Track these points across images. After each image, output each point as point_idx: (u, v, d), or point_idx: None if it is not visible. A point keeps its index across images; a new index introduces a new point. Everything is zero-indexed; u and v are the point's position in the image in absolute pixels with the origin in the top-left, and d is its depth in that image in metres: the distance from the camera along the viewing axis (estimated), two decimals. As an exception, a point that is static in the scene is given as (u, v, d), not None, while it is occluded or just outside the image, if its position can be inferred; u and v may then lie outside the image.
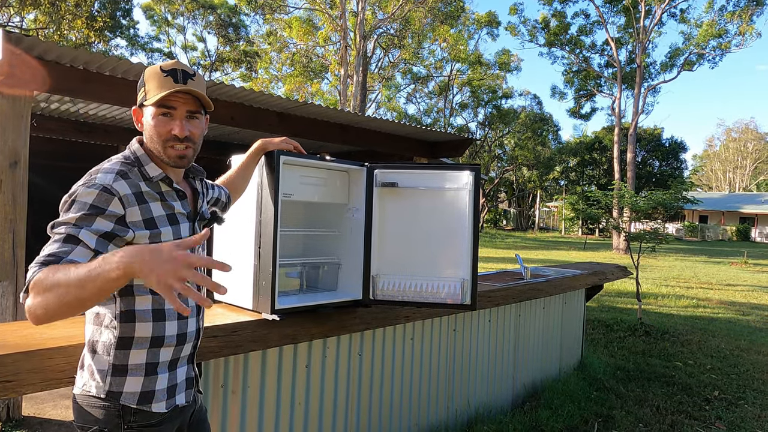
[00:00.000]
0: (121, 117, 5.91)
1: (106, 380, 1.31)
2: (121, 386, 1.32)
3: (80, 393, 1.34)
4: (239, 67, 32.80)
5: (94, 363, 1.33)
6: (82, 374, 1.36)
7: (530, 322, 4.09)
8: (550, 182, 46.35)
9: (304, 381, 2.43)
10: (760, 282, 13.64)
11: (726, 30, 24.18)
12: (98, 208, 1.22)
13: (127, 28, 28.60)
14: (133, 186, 1.31)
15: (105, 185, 1.25)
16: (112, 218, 1.24)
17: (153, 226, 1.32)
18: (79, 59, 3.56)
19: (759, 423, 3.91)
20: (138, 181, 1.34)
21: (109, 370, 1.31)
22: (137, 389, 1.33)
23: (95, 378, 1.32)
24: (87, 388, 1.33)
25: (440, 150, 6.85)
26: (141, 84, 1.39)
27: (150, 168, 1.38)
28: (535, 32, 27.69)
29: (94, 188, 1.24)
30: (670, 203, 8.01)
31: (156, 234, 1.32)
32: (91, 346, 1.34)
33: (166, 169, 1.41)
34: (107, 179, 1.27)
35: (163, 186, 1.39)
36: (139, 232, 1.29)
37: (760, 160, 61.65)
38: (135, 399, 1.32)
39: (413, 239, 2.43)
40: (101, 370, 1.32)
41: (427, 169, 2.48)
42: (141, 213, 1.31)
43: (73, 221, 1.19)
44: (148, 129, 1.38)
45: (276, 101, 4.83)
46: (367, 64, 23.31)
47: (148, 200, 1.34)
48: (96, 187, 1.24)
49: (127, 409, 1.31)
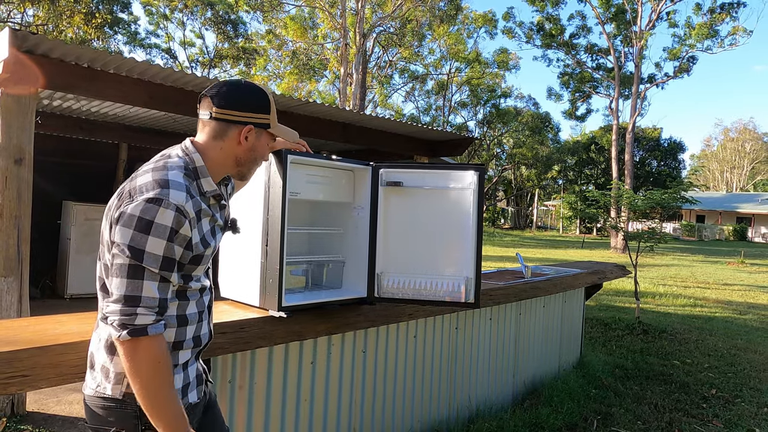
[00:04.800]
0: (123, 114, 5.92)
1: (123, 382, 1.29)
2: None
3: (94, 394, 1.32)
4: (237, 64, 32.73)
5: (113, 365, 1.30)
6: (95, 375, 1.34)
7: (530, 321, 4.13)
8: (549, 181, 46.45)
9: (309, 377, 2.47)
10: (756, 282, 13.72)
11: (717, 31, 24.34)
12: (176, 232, 1.22)
13: (127, 23, 28.52)
14: (196, 205, 1.30)
15: (179, 206, 1.23)
16: (183, 242, 1.26)
17: (206, 244, 1.35)
18: (83, 57, 3.58)
19: (755, 421, 3.96)
20: (198, 198, 1.32)
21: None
22: None
23: (111, 379, 1.30)
24: (102, 389, 1.31)
25: (441, 149, 6.88)
26: (265, 107, 1.41)
27: (206, 183, 1.37)
28: (531, 34, 27.74)
29: (171, 210, 1.21)
30: (668, 203, 8.06)
31: (206, 249, 1.34)
32: (108, 348, 1.31)
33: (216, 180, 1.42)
34: (180, 199, 1.24)
35: (211, 200, 1.40)
36: (196, 253, 1.31)
37: (758, 160, 61.87)
38: None
39: (417, 238, 2.47)
40: (119, 372, 1.29)
41: (431, 168, 2.51)
42: (199, 233, 1.32)
43: (161, 256, 1.20)
44: (255, 150, 1.42)
45: (279, 100, 4.86)
46: (366, 62, 23.33)
47: (203, 218, 1.34)
48: (172, 209, 1.21)
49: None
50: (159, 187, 1.22)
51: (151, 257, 1.19)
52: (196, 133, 1.44)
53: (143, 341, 1.18)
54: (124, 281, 1.18)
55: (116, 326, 1.17)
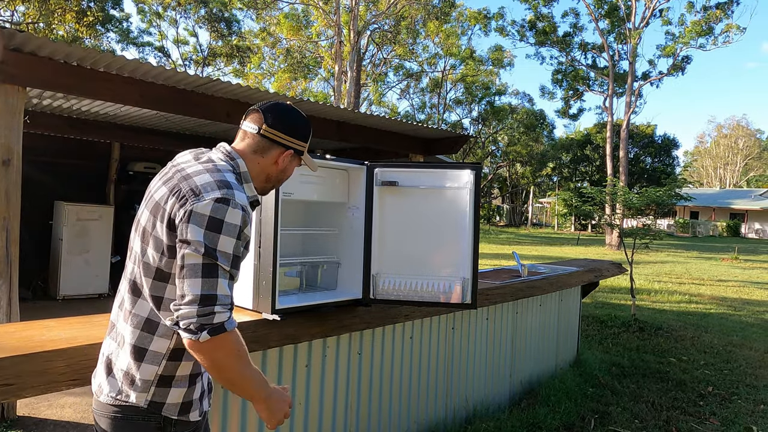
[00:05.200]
0: (115, 113, 5.85)
1: (149, 390, 1.27)
2: (165, 397, 1.29)
3: (114, 402, 1.28)
4: (231, 62, 32.55)
5: (139, 371, 1.27)
6: (114, 381, 1.29)
7: (527, 320, 4.11)
8: (543, 178, 46.54)
9: (304, 380, 2.43)
10: (750, 278, 13.79)
11: (712, 29, 24.44)
12: (243, 232, 1.26)
13: (119, 21, 28.27)
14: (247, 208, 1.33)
15: (244, 207, 1.27)
16: (245, 242, 1.30)
17: (247, 248, 1.37)
18: (73, 55, 3.52)
19: (752, 418, 3.95)
20: None
21: (155, 380, 1.28)
22: (179, 400, 1.31)
23: (137, 386, 1.27)
24: (124, 396, 1.27)
25: (436, 147, 6.84)
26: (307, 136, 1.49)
27: (248, 188, 1.41)
28: (524, 32, 27.70)
29: (238, 209, 1.24)
30: (663, 200, 8.06)
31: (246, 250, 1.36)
32: (135, 353, 1.28)
33: None
34: (243, 200, 1.29)
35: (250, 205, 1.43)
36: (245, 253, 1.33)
37: (751, 157, 62.25)
38: (176, 410, 1.31)
39: (414, 238, 2.43)
40: (146, 379, 1.27)
41: (427, 167, 2.48)
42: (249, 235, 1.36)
43: (231, 254, 1.23)
44: (284, 171, 1.49)
45: (273, 98, 4.81)
46: (361, 60, 23.25)
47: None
48: (239, 209, 1.25)
49: (168, 420, 1.30)
50: (224, 188, 1.24)
51: (223, 255, 1.21)
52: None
53: (223, 338, 1.19)
54: (199, 281, 1.18)
55: (193, 329, 1.17)
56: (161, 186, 1.31)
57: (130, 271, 1.32)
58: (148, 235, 1.27)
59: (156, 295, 1.27)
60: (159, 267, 1.25)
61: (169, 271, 1.25)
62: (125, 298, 1.32)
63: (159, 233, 1.25)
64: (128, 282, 1.32)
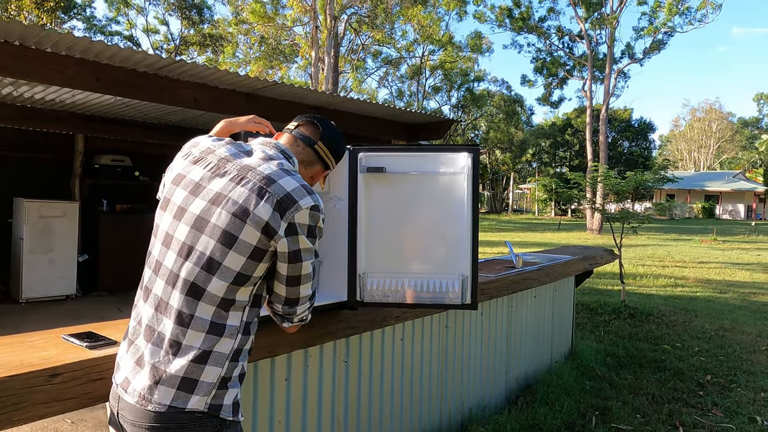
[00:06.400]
0: (72, 101, 5.40)
1: (211, 393, 1.24)
2: (222, 398, 1.26)
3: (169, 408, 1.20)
4: (205, 51, 31.62)
5: (204, 374, 1.23)
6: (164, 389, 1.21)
7: (522, 313, 3.88)
8: (523, 164, 46.69)
9: (283, 396, 2.14)
10: (730, 258, 13.91)
11: (688, 7, 24.58)
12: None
13: (82, 8, 27.11)
14: None
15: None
16: None
17: None
18: (13, 33, 3.12)
19: (755, 407, 3.81)
20: None
21: (217, 382, 1.25)
22: (232, 400, 1.29)
23: (201, 390, 1.22)
24: (180, 403, 1.21)
25: (419, 132, 6.56)
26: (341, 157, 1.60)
27: None
28: (502, 17, 27.39)
29: (323, 215, 1.35)
30: (649, 184, 7.94)
31: None
32: (198, 357, 1.22)
33: None
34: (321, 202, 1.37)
35: None
36: None
37: (723, 139, 63.46)
38: (231, 411, 1.28)
39: (405, 231, 2.14)
40: (209, 382, 1.23)
41: (418, 151, 2.19)
42: None
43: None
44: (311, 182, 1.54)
45: (245, 81, 4.44)
46: (338, 46, 22.71)
47: None
48: (324, 214, 1.35)
49: (224, 422, 1.27)
50: (312, 193, 1.31)
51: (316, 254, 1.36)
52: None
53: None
54: (311, 283, 1.36)
55: (296, 321, 1.42)
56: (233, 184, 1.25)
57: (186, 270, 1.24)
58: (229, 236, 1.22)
59: (228, 298, 1.25)
60: (241, 271, 1.24)
61: (250, 275, 1.25)
62: (178, 301, 1.23)
63: (248, 238, 1.23)
64: (182, 282, 1.24)
